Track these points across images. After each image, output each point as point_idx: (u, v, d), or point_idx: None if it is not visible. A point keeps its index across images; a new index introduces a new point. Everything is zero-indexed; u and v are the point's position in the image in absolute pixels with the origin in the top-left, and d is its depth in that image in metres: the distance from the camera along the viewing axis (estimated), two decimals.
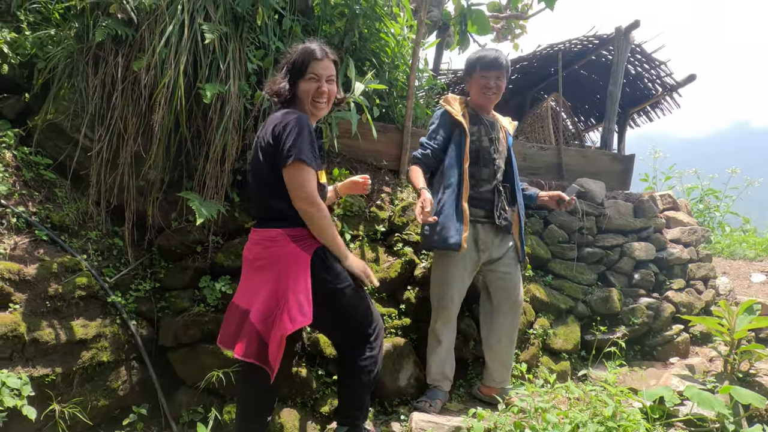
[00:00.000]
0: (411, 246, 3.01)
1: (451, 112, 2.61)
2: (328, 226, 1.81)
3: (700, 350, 3.35)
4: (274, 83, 1.90)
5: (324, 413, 2.49)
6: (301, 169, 1.73)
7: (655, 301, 3.41)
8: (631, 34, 4.28)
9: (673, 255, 3.61)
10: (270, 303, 1.78)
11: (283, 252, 1.80)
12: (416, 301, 2.89)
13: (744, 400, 2.27)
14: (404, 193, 3.28)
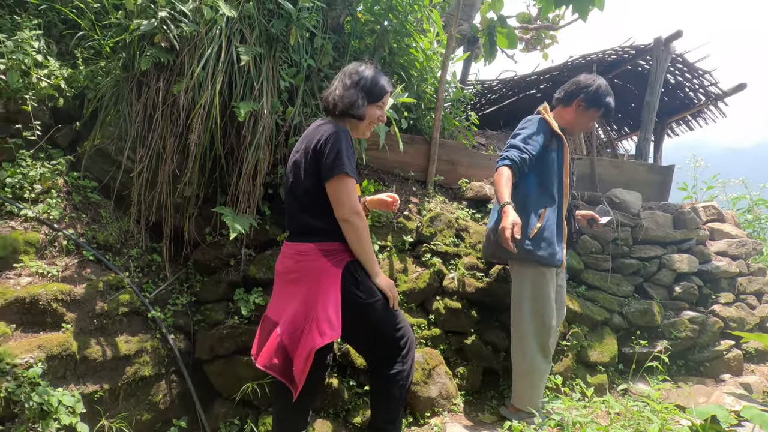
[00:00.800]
0: (439, 256, 3.01)
1: (550, 123, 2.55)
2: (367, 239, 1.82)
3: (756, 368, 3.19)
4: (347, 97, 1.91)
5: (356, 424, 2.50)
6: (347, 182, 1.76)
7: (699, 315, 3.27)
8: (672, 44, 4.17)
9: (719, 268, 3.46)
10: (298, 317, 1.79)
11: (314, 266, 1.80)
12: (445, 311, 2.89)
13: None
14: (432, 204, 3.29)
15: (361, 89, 1.93)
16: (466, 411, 2.71)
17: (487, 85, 5.08)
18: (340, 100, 1.90)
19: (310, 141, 1.85)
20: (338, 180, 1.75)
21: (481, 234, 3.15)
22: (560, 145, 2.56)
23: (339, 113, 1.91)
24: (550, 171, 2.50)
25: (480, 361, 2.89)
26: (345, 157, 1.76)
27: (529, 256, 2.42)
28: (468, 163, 3.62)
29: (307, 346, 1.74)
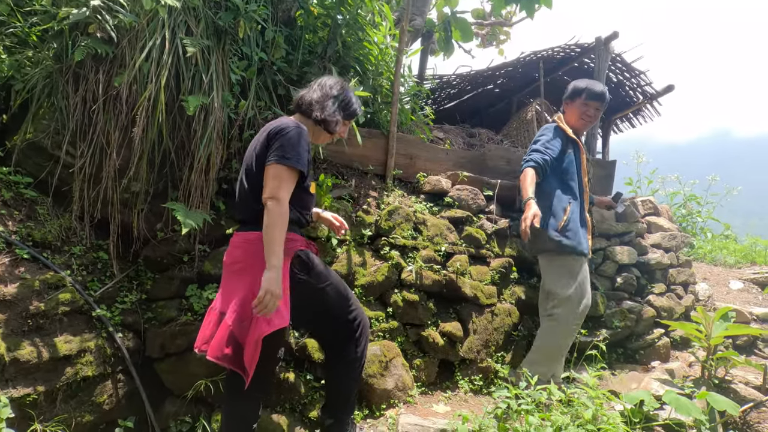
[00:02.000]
0: (397, 249, 3.04)
1: (565, 130, 2.91)
2: (278, 227, 1.76)
3: (680, 355, 3.41)
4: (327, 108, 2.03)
5: (312, 418, 2.51)
6: (278, 170, 1.80)
7: (636, 305, 3.47)
8: (611, 44, 4.34)
9: (654, 260, 3.67)
10: (246, 306, 1.78)
11: (261, 254, 1.79)
12: (403, 304, 2.93)
13: (719, 407, 2.31)
14: (390, 197, 3.31)
15: (339, 104, 2.07)
16: (421, 402, 2.78)
17: (446, 80, 5.13)
18: (317, 105, 2.02)
19: (266, 130, 1.91)
20: (272, 167, 1.80)
21: (439, 227, 3.20)
22: (576, 148, 2.94)
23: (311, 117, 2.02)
24: (569, 171, 2.85)
25: (436, 352, 2.96)
26: (290, 150, 1.81)
27: (558, 247, 2.73)
28: (426, 157, 3.65)
29: (255, 333, 1.76)
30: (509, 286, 3.33)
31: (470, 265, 3.21)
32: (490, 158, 3.86)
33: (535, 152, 2.80)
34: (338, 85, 2.12)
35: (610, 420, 2.23)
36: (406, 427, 2.37)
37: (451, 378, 3.03)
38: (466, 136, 4.56)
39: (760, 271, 4.79)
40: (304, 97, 2.05)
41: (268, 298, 1.71)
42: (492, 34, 5.93)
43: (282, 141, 1.83)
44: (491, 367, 3.06)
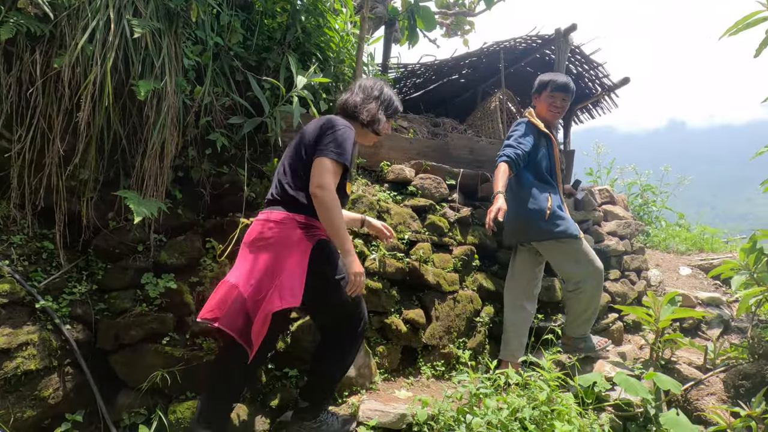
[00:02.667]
0: (361, 238, 3.02)
1: (537, 124, 2.99)
2: (335, 216, 1.91)
3: (633, 338, 3.55)
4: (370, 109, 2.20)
5: (273, 407, 2.50)
6: (327, 164, 1.93)
7: None
8: (570, 36, 4.42)
9: (609, 247, 3.79)
10: (264, 282, 1.88)
11: (287, 235, 1.94)
12: (367, 291, 2.92)
13: (664, 386, 2.43)
14: (354, 186, 3.28)
15: (381, 104, 2.24)
16: (384, 388, 2.80)
17: (410, 69, 5.12)
18: (361, 107, 2.20)
19: (318, 123, 2.07)
20: (322, 160, 1.94)
21: (402, 215, 3.22)
22: (549, 141, 3.03)
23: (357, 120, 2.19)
24: (543, 164, 2.96)
25: (399, 339, 2.98)
26: (340, 147, 1.96)
27: (549, 235, 2.86)
28: (390, 145, 3.64)
29: (266, 308, 1.86)
30: (471, 273, 3.38)
31: (433, 253, 3.24)
32: (454, 147, 3.89)
33: (508, 147, 2.90)
34: (378, 85, 2.27)
35: (563, 401, 2.32)
36: (367, 413, 2.38)
37: (413, 364, 3.06)
38: (430, 126, 4.57)
39: (707, 258, 5.04)
40: (348, 102, 2.22)
41: (358, 280, 1.97)
42: (456, 24, 5.95)
43: (333, 137, 1.98)
44: (453, 352, 3.10)
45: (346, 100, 2.24)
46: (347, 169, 2.03)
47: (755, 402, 2.27)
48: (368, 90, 2.26)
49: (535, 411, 2.26)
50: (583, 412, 2.44)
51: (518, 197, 2.96)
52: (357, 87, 2.27)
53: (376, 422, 2.31)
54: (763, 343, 2.66)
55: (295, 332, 2.62)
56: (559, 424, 2.17)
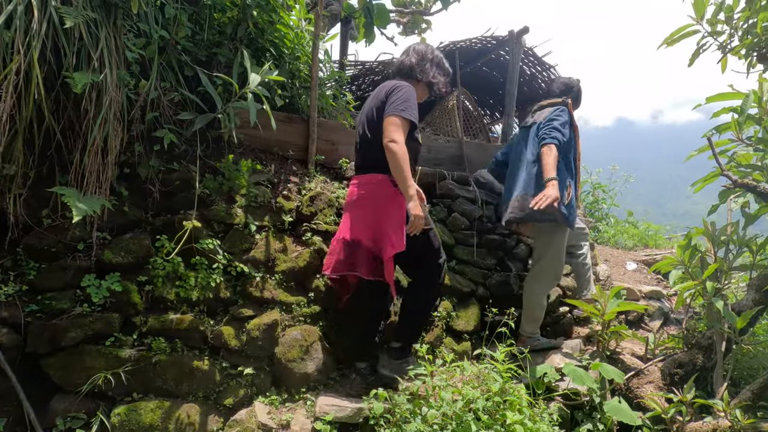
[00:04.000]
0: (320, 235, 3.00)
1: (573, 116, 3.17)
2: (403, 164, 2.19)
3: (582, 330, 3.64)
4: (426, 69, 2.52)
5: (228, 405, 2.43)
6: (395, 120, 2.23)
7: None
8: (523, 38, 4.51)
9: None
10: (376, 233, 2.31)
11: (384, 192, 2.32)
12: (325, 288, 2.91)
13: (608, 376, 2.51)
14: (312, 183, 3.26)
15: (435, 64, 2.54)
16: (341, 384, 2.76)
17: (369, 67, 5.10)
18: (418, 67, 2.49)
19: (382, 89, 2.36)
20: (391, 117, 2.24)
21: None
22: (574, 135, 3.18)
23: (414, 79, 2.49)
24: (570, 154, 3.11)
25: None
26: (404, 103, 2.27)
27: (563, 219, 2.99)
28: (349, 143, 3.62)
29: (385, 256, 2.28)
30: None
31: None
32: None
33: (556, 131, 3.01)
34: (429, 48, 2.58)
35: (515, 392, 2.36)
36: (324, 408, 2.36)
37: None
38: None
39: (650, 253, 5.27)
40: (404, 63, 2.52)
41: (418, 221, 2.25)
42: (413, 23, 5.98)
43: (397, 96, 2.29)
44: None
45: (402, 61, 2.54)
46: (414, 122, 2.33)
47: (686, 388, 2.37)
48: (421, 52, 2.55)
49: (489, 402, 2.31)
50: (534, 402, 2.50)
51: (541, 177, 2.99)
52: (411, 50, 2.55)
53: (332, 417, 2.29)
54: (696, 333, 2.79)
55: (251, 331, 2.56)
56: (511, 414, 2.23)
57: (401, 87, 2.33)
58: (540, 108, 3.31)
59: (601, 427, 2.50)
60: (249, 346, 2.57)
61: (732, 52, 2.86)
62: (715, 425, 2.21)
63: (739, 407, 2.19)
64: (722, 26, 2.91)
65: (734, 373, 2.65)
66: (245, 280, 2.70)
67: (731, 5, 2.83)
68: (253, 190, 2.91)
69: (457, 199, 3.68)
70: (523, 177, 3.14)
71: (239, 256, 2.74)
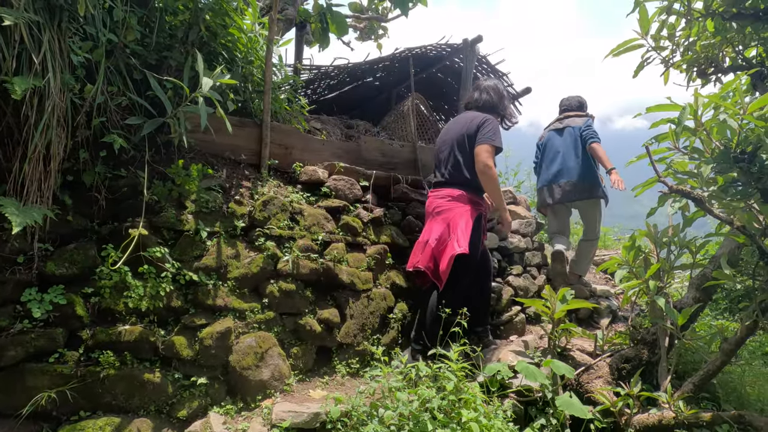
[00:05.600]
0: (273, 240, 3.05)
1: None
2: (496, 185, 2.95)
3: (534, 329, 3.89)
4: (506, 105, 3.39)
5: (182, 417, 2.45)
6: (488, 149, 2.88)
7: (498, 285, 3.87)
8: (477, 46, 4.76)
9: (513, 244, 4.13)
10: (444, 236, 2.89)
11: (460, 205, 2.93)
12: (280, 294, 2.97)
13: (559, 372, 2.71)
14: (265, 188, 3.30)
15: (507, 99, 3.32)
16: (299, 389, 2.85)
17: (324, 71, 5.19)
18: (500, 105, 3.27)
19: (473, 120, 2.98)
20: (485, 146, 2.87)
21: (316, 216, 3.28)
22: None
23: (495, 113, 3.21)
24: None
25: (314, 340, 3.05)
26: (495, 134, 2.91)
27: (604, 196, 4.08)
28: (302, 147, 3.70)
29: (449, 253, 2.87)
30: (384, 271, 3.54)
31: (347, 253, 3.35)
32: (366, 150, 4.03)
33: (596, 133, 4.02)
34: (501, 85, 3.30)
35: (470, 390, 2.51)
36: (280, 414, 2.42)
37: (328, 363, 3.14)
38: (344, 128, 4.69)
39: (599, 254, 5.65)
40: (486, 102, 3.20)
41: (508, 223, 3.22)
42: (370, 28, 6.12)
43: (489, 128, 2.90)
44: (367, 349, 3.23)
45: (484, 100, 3.19)
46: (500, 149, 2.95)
47: (633, 382, 2.61)
48: (499, 91, 3.24)
49: (444, 401, 2.42)
50: (488, 400, 2.66)
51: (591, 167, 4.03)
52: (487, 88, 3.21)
53: (289, 423, 2.35)
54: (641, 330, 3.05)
55: (204, 340, 2.59)
56: (466, 412, 2.34)
57: (490, 120, 2.97)
58: (567, 117, 4.28)
59: (554, 421, 2.69)
60: (202, 356, 2.58)
61: (674, 66, 3.19)
62: (661, 416, 2.43)
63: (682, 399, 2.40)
64: (665, 42, 3.21)
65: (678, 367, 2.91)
66: (196, 288, 2.71)
67: (674, 23, 3.12)
68: (204, 195, 2.93)
69: (411, 203, 3.84)
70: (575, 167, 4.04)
71: (190, 263, 2.75)
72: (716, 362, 2.38)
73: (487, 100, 3.18)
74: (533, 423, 2.70)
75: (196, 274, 2.71)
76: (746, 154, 1.80)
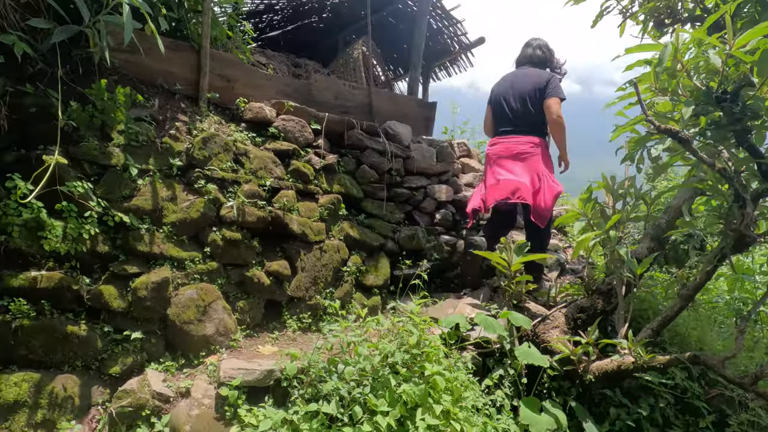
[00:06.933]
0: (215, 183, 2.82)
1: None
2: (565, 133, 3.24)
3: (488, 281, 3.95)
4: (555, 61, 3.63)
5: (114, 374, 2.24)
6: (558, 101, 3.20)
7: (452, 239, 3.91)
8: None
9: (466, 197, 4.15)
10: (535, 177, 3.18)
11: (543, 152, 3.27)
12: (223, 243, 2.77)
13: (517, 323, 2.79)
14: (205, 123, 3.01)
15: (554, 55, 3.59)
16: (246, 345, 2.71)
17: (269, 4, 4.79)
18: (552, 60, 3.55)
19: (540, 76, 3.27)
20: (555, 99, 3.19)
21: (263, 160, 3.06)
22: None
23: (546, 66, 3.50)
24: None
25: (262, 293, 2.90)
26: (559, 88, 3.23)
27: None
28: (246, 81, 3.40)
29: (553, 192, 3.18)
30: (338, 222, 3.41)
31: (298, 202, 3.17)
32: (318, 90, 3.80)
33: None
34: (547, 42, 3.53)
35: (431, 343, 2.50)
36: (229, 372, 2.25)
37: (278, 318, 3.00)
38: (291, 66, 4.39)
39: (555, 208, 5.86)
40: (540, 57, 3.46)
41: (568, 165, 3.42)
42: None
43: (555, 83, 3.23)
44: (320, 304, 3.13)
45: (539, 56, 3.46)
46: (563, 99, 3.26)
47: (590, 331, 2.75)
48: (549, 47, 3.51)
49: (406, 355, 2.39)
50: (449, 352, 2.69)
51: None
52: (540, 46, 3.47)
53: (240, 381, 2.20)
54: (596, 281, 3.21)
55: (137, 290, 2.34)
56: (429, 365, 2.33)
57: (554, 77, 3.29)
58: None
59: (512, 372, 2.81)
60: (136, 308, 2.33)
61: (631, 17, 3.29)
62: (620, 362, 2.56)
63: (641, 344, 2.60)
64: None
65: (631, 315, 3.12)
66: (127, 233, 2.41)
67: None
68: (133, 126, 2.58)
69: (366, 150, 3.70)
70: None
71: (118, 203, 2.44)
72: (675, 308, 2.55)
73: (541, 57, 3.46)
74: (491, 374, 2.77)
75: (127, 216, 2.42)
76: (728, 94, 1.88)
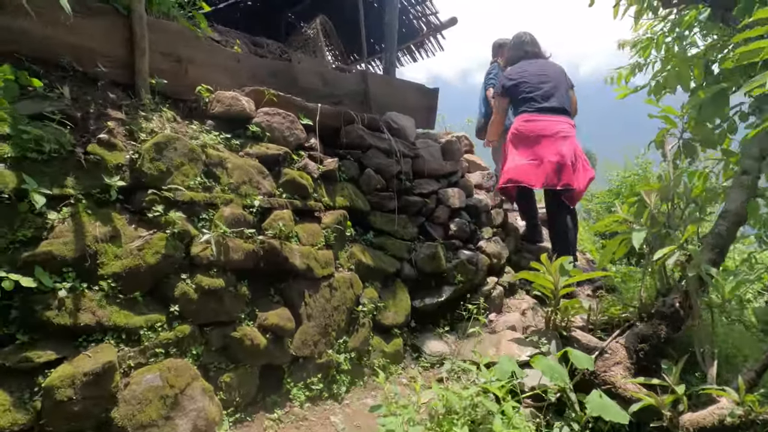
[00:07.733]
0: (180, 209, 1.95)
1: None
2: None
3: (510, 302, 3.31)
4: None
5: None
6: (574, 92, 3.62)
7: (473, 255, 3.18)
8: None
9: (482, 202, 3.51)
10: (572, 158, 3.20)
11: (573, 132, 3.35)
12: (198, 294, 1.97)
13: (581, 365, 2.21)
14: (154, 122, 2.14)
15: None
16: None
17: None
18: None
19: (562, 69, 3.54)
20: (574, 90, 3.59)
21: (246, 170, 2.28)
22: None
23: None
24: None
25: (256, 357, 2.11)
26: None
27: None
28: (204, 61, 2.53)
29: (588, 175, 3.29)
30: (345, 246, 2.61)
31: (296, 224, 2.36)
32: (302, 73, 2.94)
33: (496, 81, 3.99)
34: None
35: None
36: None
37: (278, 389, 2.18)
38: (250, 44, 3.48)
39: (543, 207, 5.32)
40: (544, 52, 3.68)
41: None
42: None
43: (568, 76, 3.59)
44: (333, 360, 2.34)
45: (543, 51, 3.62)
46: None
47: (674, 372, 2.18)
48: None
49: None
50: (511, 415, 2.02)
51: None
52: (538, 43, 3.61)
53: None
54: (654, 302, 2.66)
55: (53, 390, 1.43)
56: None
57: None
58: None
59: (576, 427, 2.21)
60: (54, 417, 1.46)
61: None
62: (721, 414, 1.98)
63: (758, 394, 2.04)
64: None
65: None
66: (31, 298, 1.55)
67: None
68: (28, 129, 1.68)
69: (369, 150, 2.91)
70: None
71: (13, 254, 1.56)
72: None
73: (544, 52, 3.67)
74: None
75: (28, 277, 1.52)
76: None
